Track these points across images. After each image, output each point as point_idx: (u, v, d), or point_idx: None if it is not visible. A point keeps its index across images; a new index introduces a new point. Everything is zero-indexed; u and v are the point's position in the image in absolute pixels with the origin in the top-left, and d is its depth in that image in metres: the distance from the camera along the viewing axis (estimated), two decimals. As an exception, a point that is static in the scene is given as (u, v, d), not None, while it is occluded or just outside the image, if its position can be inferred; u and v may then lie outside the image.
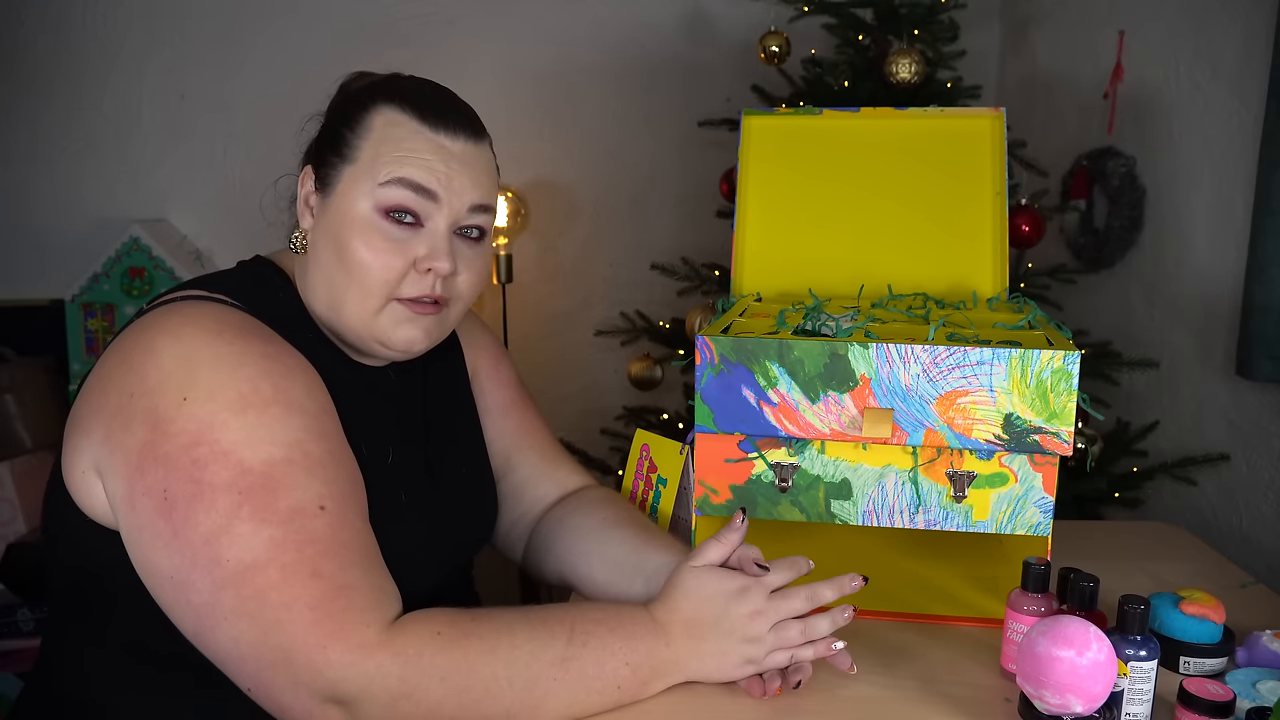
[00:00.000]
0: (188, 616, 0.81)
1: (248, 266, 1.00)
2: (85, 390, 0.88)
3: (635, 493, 1.21)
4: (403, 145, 0.92)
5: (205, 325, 0.85)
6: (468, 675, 0.80)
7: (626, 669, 0.86)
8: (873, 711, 0.88)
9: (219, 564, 0.78)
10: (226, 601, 0.78)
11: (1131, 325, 1.98)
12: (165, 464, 0.80)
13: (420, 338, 0.95)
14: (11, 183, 2.55)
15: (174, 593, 0.80)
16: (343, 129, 0.95)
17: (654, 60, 2.62)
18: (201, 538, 0.79)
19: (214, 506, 0.79)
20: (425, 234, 0.93)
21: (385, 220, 0.92)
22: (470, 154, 0.95)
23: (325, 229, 0.94)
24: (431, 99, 0.96)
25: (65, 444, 0.88)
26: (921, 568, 1.19)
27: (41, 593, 2.05)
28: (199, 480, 0.79)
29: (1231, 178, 1.69)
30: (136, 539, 0.82)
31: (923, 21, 1.96)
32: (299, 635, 0.77)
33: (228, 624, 0.79)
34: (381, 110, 0.94)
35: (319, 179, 0.96)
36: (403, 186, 0.91)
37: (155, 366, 0.83)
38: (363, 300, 0.92)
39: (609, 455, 2.31)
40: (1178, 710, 0.82)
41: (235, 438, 0.80)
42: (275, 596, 0.78)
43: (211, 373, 0.82)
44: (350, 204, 0.92)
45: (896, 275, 1.30)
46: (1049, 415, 0.95)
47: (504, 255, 2.40)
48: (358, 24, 2.54)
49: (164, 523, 0.79)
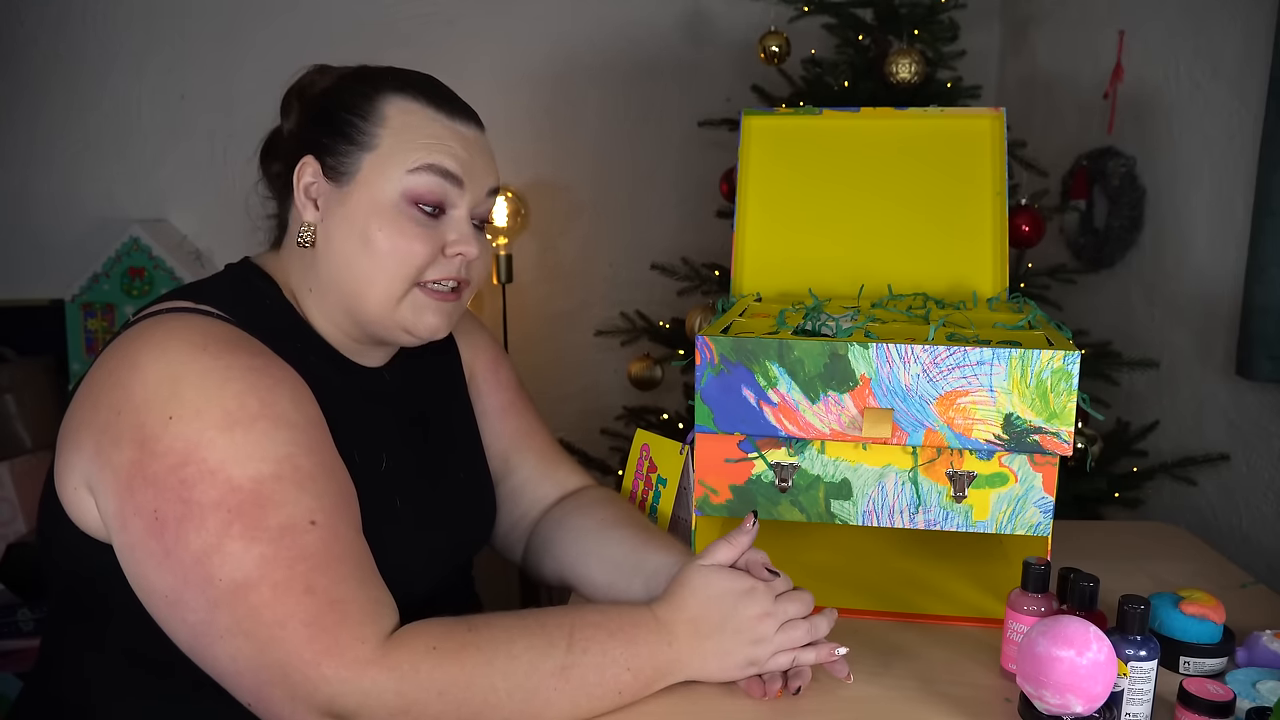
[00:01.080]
0: (183, 633, 0.81)
1: (235, 271, 0.98)
2: (75, 402, 0.87)
3: (635, 493, 1.21)
4: (424, 132, 0.93)
5: (190, 339, 0.84)
6: (466, 689, 0.80)
7: (628, 674, 0.86)
8: (873, 711, 0.88)
9: (212, 583, 0.78)
10: (221, 620, 0.78)
11: (1131, 325, 1.98)
12: (154, 484, 0.79)
13: (443, 324, 0.97)
14: (11, 183, 2.55)
15: (169, 611, 0.80)
16: (352, 117, 0.94)
17: (654, 60, 2.62)
18: (193, 557, 0.78)
19: (204, 526, 0.78)
20: (449, 220, 0.95)
21: (413, 207, 0.93)
22: (480, 140, 0.98)
23: (344, 218, 0.93)
24: (437, 87, 0.98)
25: (57, 456, 0.87)
26: (921, 568, 1.19)
27: (41, 593, 2.05)
28: (188, 500, 0.79)
29: (1231, 178, 1.69)
30: (130, 557, 0.82)
31: (923, 21, 1.96)
32: (294, 652, 0.77)
33: (224, 642, 0.78)
34: (391, 99, 0.94)
35: (328, 168, 0.94)
36: (433, 173, 0.93)
37: (140, 383, 0.82)
38: (388, 287, 0.93)
39: (609, 455, 2.31)
40: (1178, 710, 0.82)
41: (222, 455, 0.80)
42: (269, 614, 0.77)
43: (197, 390, 0.81)
44: (377, 191, 0.92)
45: (896, 275, 1.30)
46: (1049, 415, 0.95)
47: (504, 255, 2.40)
48: (358, 24, 2.54)
49: (155, 543, 0.79)
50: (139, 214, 2.56)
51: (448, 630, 0.82)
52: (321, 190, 0.94)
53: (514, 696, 0.81)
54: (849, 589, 1.12)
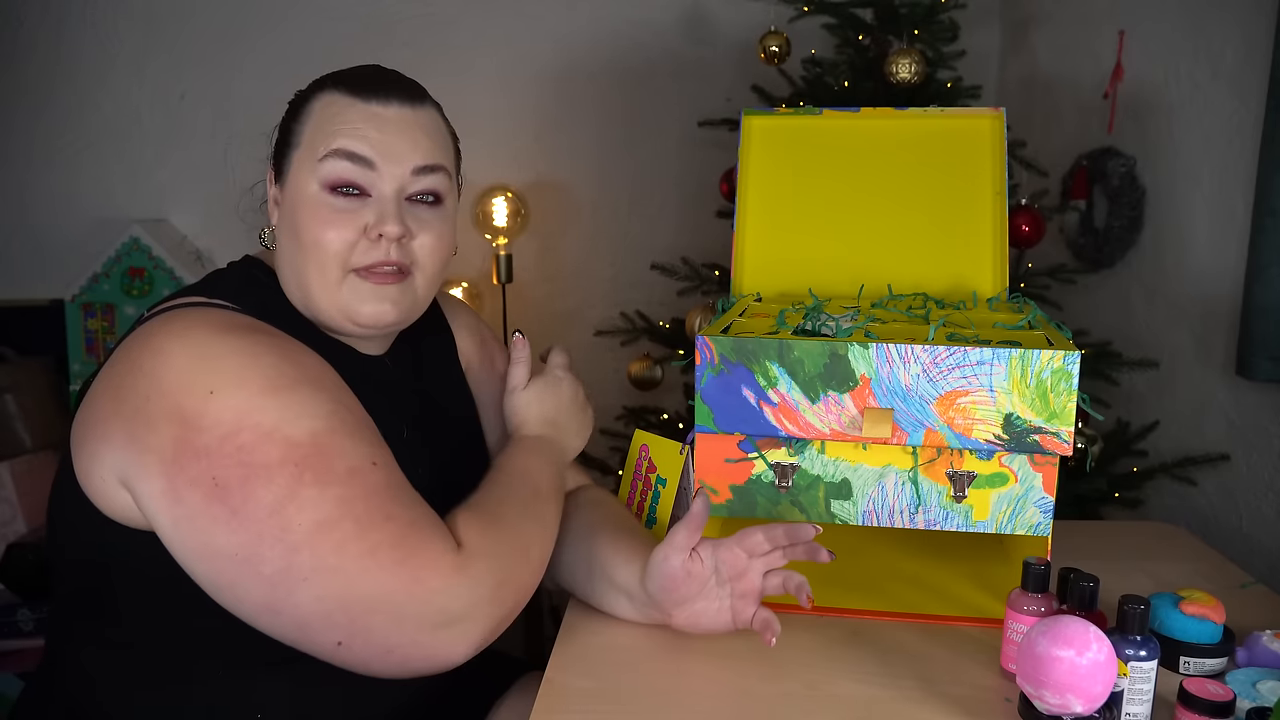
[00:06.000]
0: (257, 589, 0.81)
1: (238, 267, 1.01)
2: (92, 397, 0.88)
3: (634, 493, 1.21)
4: (339, 119, 0.94)
5: (213, 324, 0.87)
6: (517, 538, 0.92)
7: (552, 473, 1.05)
8: (873, 711, 0.88)
9: (290, 529, 0.80)
10: (304, 562, 0.80)
11: (1131, 325, 1.98)
12: (206, 456, 0.81)
13: (389, 310, 0.96)
14: (11, 183, 2.55)
15: (239, 569, 0.81)
16: (291, 122, 0.98)
17: (654, 60, 2.62)
18: (266, 510, 0.80)
19: (273, 481, 0.80)
20: (372, 202, 0.95)
21: (331, 195, 0.94)
22: (406, 118, 0.96)
23: (283, 216, 0.97)
24: (367, 75, 0.98)
25: (77, 450, 0.88)
26: (921, 568, 1.19)
27: (42, 593, 2.05)
28: (249, 464, 0.80)
29: (1231, 178, 1.69)
30: (188, 528, 0.82)
31: (923, 21, 1.96)
32: (388, 577, 0.81)
33: (308, 584, 0.80)
34: (319, 96, 0.97)
35: (277, 173, 0.99)
36: (339, 158, 0.93)
37: (168, 368, 0.83)
38: (321, 276, 0.94)
39: (609, 455, 2.31)
40: (1178, 710, 0.82)
41: (274, 418, 0.82)
42: (355, 546, 0.80)
43: (232, 363, 0.84)
44: (300, 186, 0.95)
45: (896, 275, 1.30)
46: (1049, 415, 0.95)
47: (504, 255, 2.40)
48: (358, 24, 2.54)
49: (220, 506, 0.80)
50: (139, 214, 2.56)
51: (473, 512, 0.92)
52: (274, 195, 1.00)
53: (538, 525, 0.96)
54: (849, 589, 1.12)
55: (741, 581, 0.95)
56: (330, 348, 0.97)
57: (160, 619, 0.84)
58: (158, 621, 0.85)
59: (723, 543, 0.94)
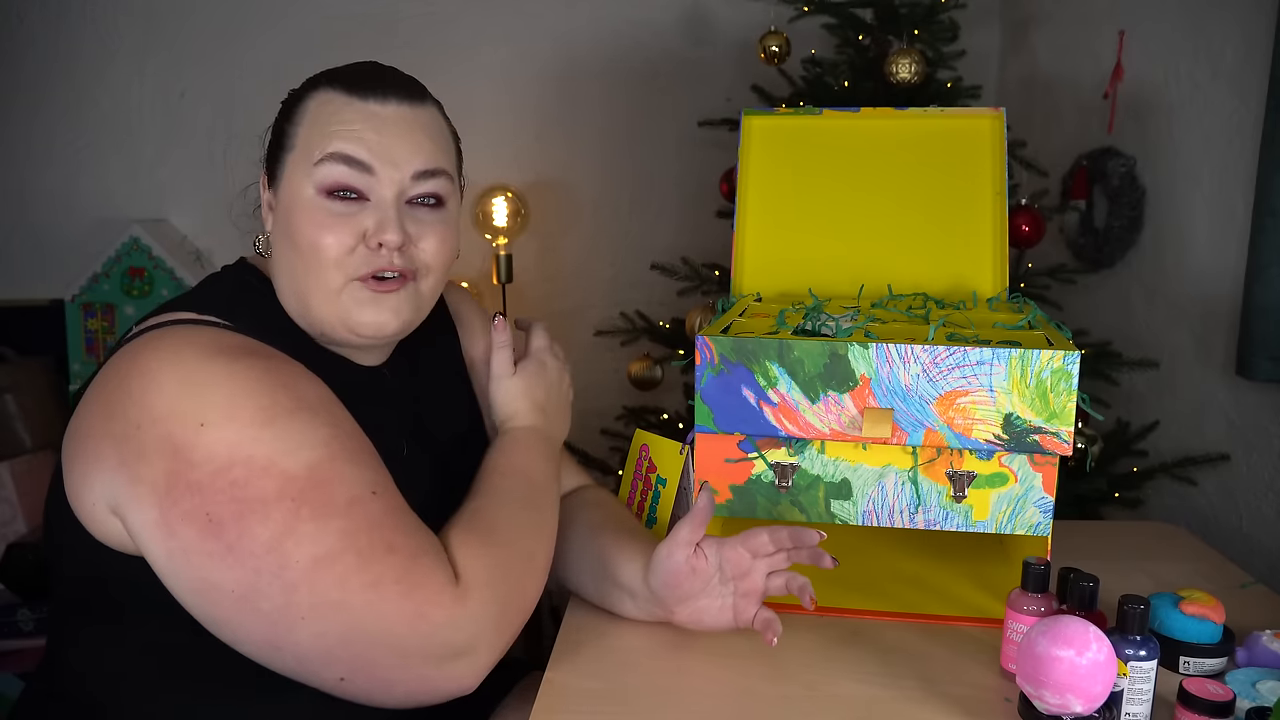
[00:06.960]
0: (258, 626, 0.79)
1: (233, 273, 0.98)
2: (83, 410, 0.85)
3: (634, 493, 1.21)
4: (335, 120, 0.91)
5: (203, 347, 0.84)
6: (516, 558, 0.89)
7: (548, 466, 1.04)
8: (873, 711, 0.88)
9: (288, 566, 0.77)
10: (302, 599, 0.78)
11: (1131, 325, 1.98)
12: (199, 491, 0.78)
13: (390, 319, 0.93)
14: (11, 182, 2.55)
15: (238, 606, 0.79)
16: (284, 124, 0.95)
17: (654, 60, 2.61)
18: (263, 546, 0.78)
19: (269, 517, 0.78)
20: (371, 207, 0.91)
21: (328, 199, 0.90)
22: (405, 117, 0.92)
23: (278, 221, 0.94)
24: (364, 72, 0.94)
25: (69, 465, 0.85)
26: (921, 568, 1.19)
27: (42, 593, 2.05)
28: (243, 499, 0.78)
29: (1231, 178, 1.69)
30: (182, 562, 0.80)
31: (923, 21, 1.96)
32: (392, 610, 0.79)
33: (306, 622, 0.78)
34: (314, 95, 0.93)
35: (270, 177, 0.96)
36: (335, 161, 0.90)
37: (158, 394, 0.80)
38: (321, 284, 0.91)
39: (609, 455, 2.31)
40: (1178, 710, 0.82)
41: (268, 450, 0.79)
42: (358, 579, 0.78)
43: (223, 393, 0.81)
44: (295, 191, 0.91)
45: (896, 275, 1.30)
46: (1049, 415, 0.95)
47: (504, 255, 2.40)
48: (358, 23, 2.54)
49: (215, 542, 0.78)
50: (139, 214, 2.56)
51: (466, 532, 0.88)
52: (268, 199, 0.97)
53: (538, 529, 0.95)
54: (849, 589, 1.12)
55: (744, 581, 0.95)
56: (326, 362, 0.94)
57: (160, 622, 0.84)
58: (158, 624, 0.84)
59: (727, 542, 0.94)
